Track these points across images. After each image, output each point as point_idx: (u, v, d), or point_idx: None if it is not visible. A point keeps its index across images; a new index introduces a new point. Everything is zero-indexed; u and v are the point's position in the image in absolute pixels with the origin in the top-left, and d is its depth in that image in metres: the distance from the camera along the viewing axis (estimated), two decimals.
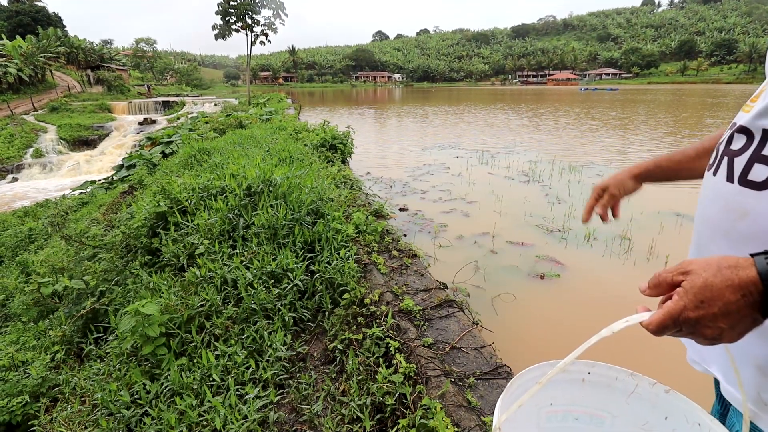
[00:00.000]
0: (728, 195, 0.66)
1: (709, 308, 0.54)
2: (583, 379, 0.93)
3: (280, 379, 1.96)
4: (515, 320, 3.18)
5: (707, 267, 0.55)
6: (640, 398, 0.87)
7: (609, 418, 0.92)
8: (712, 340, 0.57)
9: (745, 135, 0.66)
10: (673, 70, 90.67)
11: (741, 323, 0.54)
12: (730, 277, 0.53)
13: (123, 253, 3.15)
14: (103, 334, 2.64)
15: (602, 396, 0.92)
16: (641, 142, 11.73)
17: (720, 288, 0.53)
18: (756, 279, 0.51)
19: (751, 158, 0.63)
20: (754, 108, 0.68)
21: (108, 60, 42.34)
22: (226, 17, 25.85)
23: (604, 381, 0.91)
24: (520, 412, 0.90)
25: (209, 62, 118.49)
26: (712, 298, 0.53)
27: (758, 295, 0.51)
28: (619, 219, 1.15)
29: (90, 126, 20.69)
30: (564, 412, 0.96)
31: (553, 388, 0.93)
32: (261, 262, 2.56)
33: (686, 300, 0.55)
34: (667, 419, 0.82)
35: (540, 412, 0.96)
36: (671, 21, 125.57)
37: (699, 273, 0.55)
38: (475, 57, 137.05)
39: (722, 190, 0.68)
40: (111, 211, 5.31)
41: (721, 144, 0.72)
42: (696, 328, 0.56)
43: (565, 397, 0.94)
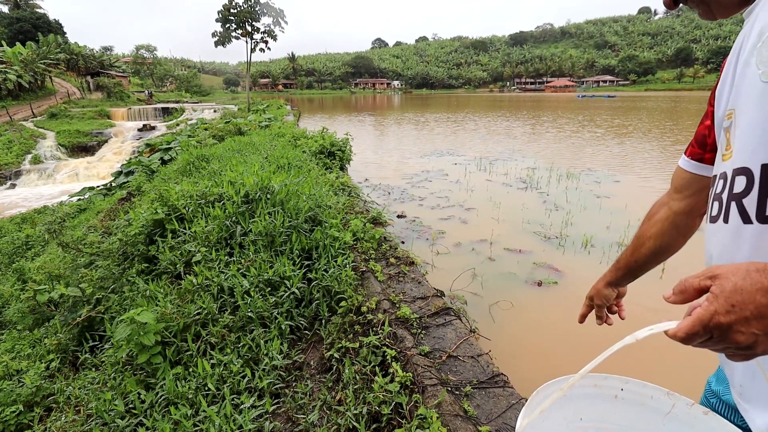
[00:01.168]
0: (752, 236, 0.65)
1: (741, 312, 0.52)
2: (616, 396, 0.89)
3: (276, 388, 1.95)
4: (513, 328, 3.17)
5: (736, 271, 0.54)
6: (677, 420, 0.82)
7: None
8: (746, 349, 0.54)
9: (745, 176, 0.66)
10: (670, 78, 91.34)
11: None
12: (760, 280, 0.51)
13: (120, 261, 3.14)
14: (98, 342, 2.63)
15: (635, 415, 0.87)
16: (640, 149, 11.78)
17: (750, 291, 0.52)
18: None
19: (760, 195, 0.63)
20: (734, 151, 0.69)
21: (108, 66, 42.50)
22: (225, 24, 26.03)
23: (638, 399, 0.87)
24: (547, 426, 0.89)
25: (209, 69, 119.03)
26: (744, 301, 0.52)
27: None
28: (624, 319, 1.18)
29: (89, 132, 20.69)
30: (594, 428, 0.92)
31: (582, 402, 0.90)
32: (258, 270, 2.56)
33: (717, 305, 0.54)
34: None
35: (569, 426, 0.93)
36: (667, 29, 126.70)
37: (728, 277, 0.54)
38: (473, 64, 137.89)
39: (743, 234, 0.66)
40: (109, 218, 5.31)
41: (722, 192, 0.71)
42: (728, 334, 0.54)
43: (595, 413, 0.90)
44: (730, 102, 0.73)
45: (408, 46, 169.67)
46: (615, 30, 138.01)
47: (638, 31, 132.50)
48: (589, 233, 4.84)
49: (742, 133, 0.66)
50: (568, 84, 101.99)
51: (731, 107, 0.72)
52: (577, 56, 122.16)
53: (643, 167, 9.10)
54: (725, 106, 0.74)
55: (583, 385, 0.89)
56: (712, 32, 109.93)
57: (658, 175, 8.25)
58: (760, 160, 0.63)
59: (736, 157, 0.69)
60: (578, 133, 15.59)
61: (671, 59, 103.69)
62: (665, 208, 1.03)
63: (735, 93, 0.72)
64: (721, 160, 0.75)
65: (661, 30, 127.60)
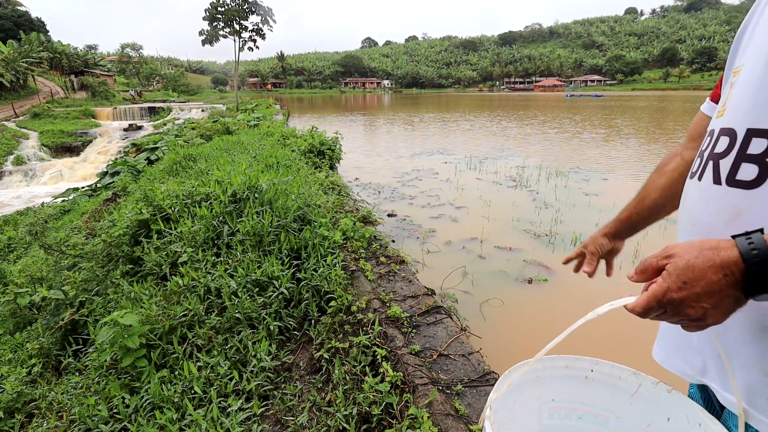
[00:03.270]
0: (717, 197, 0.67)
1: (692, 288, 0.55)
2: (586, 377, 0.93)
3: (265, 390, 1.92)
4: (503, 325, 3.18)
5: (690, 249, 0.57)
6: (643, 398, 0.86)
7: (613, 419, 0.92)
8: (697, 321, 0.58)
9: (728, 137, 0.66)
10: (656, 77, 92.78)
11: (724, 302, 0.55)
12: (711, 258, 0.54)
13: (104, 262, 3.07)
14: (82, 346, 2.56)
15: (606, 395, 0.91)
16: (627, 147, 11.93)
17: (702, 268, 0.54)
18: (737, 259, 0.52)
19: (737, 158, 0.64)
20: (726, 110, 0.69)
21: (92, 65, 41.74)
22: (213, 23, 25.76)
23: (608, 380, 0.91)
24: (520, 406, 0.93)
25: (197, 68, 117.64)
26: (695, 278, 0.55)
27: (739, 275, 0.52)
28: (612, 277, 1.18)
29: (73, 132, 20.30)
30: (567, 409, 0.95)
31: (555, 384, 0.93)
32: (246, 270, 2.52)
33: (670, 282, 0.57)
34: (669, 420, 0.82)
35: (542, 407, 0.96)
36: (653, 29, 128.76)
37: (682, 255, 0.57)
38: (463, 64, 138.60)
39: (711, 194, 0.68)
40: (93, 219, 5.20)
41: (705, 150, 0.72)
42: (680, 308, 0.57)
43: (568, 394, 0.94)
44: (741, 58, 0.70)
45: (398, 46, 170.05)
46: (602, 30, 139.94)
47: (625, 31, 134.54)
48: (578, 231, 4.87)
49: (738, 92, 0.66)
50: (557, 83, 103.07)
51: (740, 63, 0.70)
52: (565, 56, 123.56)
53: (631, 165, 9.22)
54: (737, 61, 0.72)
55: (555, 366, 0.93)
56: (697, 33, 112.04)
57: (646, 173, 8.35)
58: (747, 123, 0.63)
59: (726, 116, 0.69)
60: (567, 132, 15.73)
61: (657, 59, 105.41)
62: (677, 159, 1.00)
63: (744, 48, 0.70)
64: (716, 116, 0.74)
65: (647, 30, 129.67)
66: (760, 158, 0.60)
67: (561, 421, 0.96)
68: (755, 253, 0.51)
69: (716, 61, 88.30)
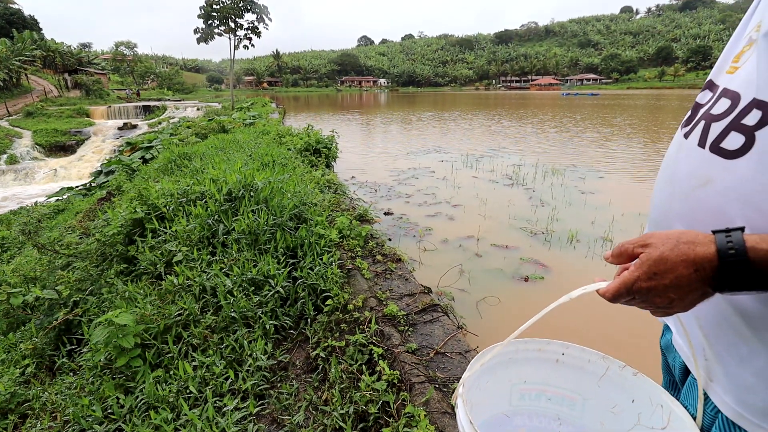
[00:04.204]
0: (696, 160, 0.66)
1: (660, 280, 0.56)
2: (557, 360, 0.96)
3: (261, 390, 1.91)
4: (500, 323, 3.18)
5: (666, 241, 0.57)
6: (611, 381, 0.90)
7: (580, 401, 0.95)
8: (663, 308, 0.60)
9: (731, 100, 0.64)
10: (652, 76, 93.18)
11: (690, 295, 0.56)
12: (685, 252, 0.55)
13: (98, 262, 3.05)
14: (76, 346, 2.54)
15: (575, 378, 0.94)
16: (624, 145, 11.97)
17: (674, 262, 0.55)
18: (712, 256, 0.53)
19: (729, 125, 0.62)
20: (740, 70, 0.65)
21: (86, 64, 41.41)
22: (208, 21, 25.59)
23: (577, 363, 0.94)
24: (493, 386, 0.97)
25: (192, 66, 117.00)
26: (666, 270, 0.56)
27: (711, 271, 0.53)
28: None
29: (67, 131, 20.13)
30: (538, 391, 0.99)
31: (527, 366, 0.97)
32: (241, 269, 2.51)
33: (641, 271, 0.58)
34: (633, 402, 0.85)
35: (513, 388, 1.00)
36: (649, 28, 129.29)
37: (657, 246, 0.58)
38: (459, 62, 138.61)
39: (692, 154, 0.67)
40: (87, 219, 5.16)
41: (704, 106, 0.70)
42: (647, 297, 0.59)
43: (539, 376, 0.97)
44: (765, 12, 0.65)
45: (394, 44, 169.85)
46: (598, 29, 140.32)
47: (620, 30, 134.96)
48: (574, 228, 4.88)
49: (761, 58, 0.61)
50: (553, 82, 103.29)
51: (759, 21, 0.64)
52: (561, 54, 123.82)
53: (627, 164, 9.25)
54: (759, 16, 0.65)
55: (528, 349, 0.97)
56: (692, 31, 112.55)
57: (642, 171, 8.38)
58: (757, 93, 0.60)
59: (737, 77, 0.65)
60: (563, 131, 15.77)
61: (652, 58, 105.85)
62: None
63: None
64: (723, 71, 0.70)
65: (642, 29, 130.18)
66: (749, 130, 0.58)
67: (530, 402, 1.00)
68: (732, 252, 0.51)
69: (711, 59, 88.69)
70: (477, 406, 0.95)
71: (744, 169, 0.58)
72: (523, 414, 1.01)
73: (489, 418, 1.00)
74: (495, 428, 1.01)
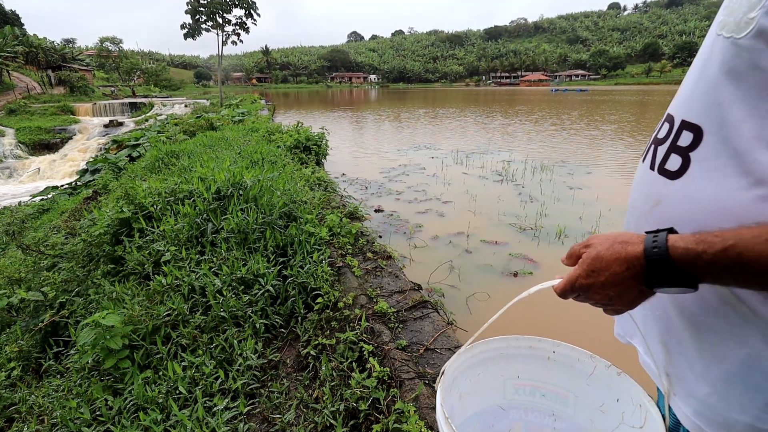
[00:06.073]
0: (648, 182, 0.70)
1: (597, 277, 0.60)
2: (548, 357, 0.99)
3: (251, 389, 1.91)
4: (496, 330, 3.20)
5: (604, 241, 0.61)
6: (598, 380, 0.92)
7: (572, 399, 0.98)
8: (605, 305, 0.63)
9: (669, 124, 0.68)
10: (639, 72, 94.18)
11: (627, 292, 0.59)
12: (619, 251, 0.58)
13: (84, 262, 3.01)
14: (63, 348, 2.51)
15: (566, 375, 0.97)
16: (611, 140, 12.11)
17: (609, 260, 0.59)
18: (641, 254, 0.55)
19: (669, 148, 0.65)
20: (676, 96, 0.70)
21: (70, 60, 40.55)
22: (195, 16, 25.23)
23: (568, 361, 0.97)
24: (484, 379, 1.01)
25: (179, 62, 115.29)
26: (601, 268, 0.59)
27: (640, 269, 0.56)
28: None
29: (51, 129, 19.74)
30: (532, 386, 1.02)
31: (520, 362, 1.00)
32: (231, 268, 2.49)
33: (581, 269, 0.63)
34: (618, 401, 0.88)
35: (507, 383, 1.03)
36: (636, 24, 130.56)
37: (595, 246, 0.62)
38: (449, 58, 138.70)
39: (645, 178, 0.71)
40: (73, 218, 5.08)
41: (655, 132, 0.74)
42: (588, 293, 0.63)
43: (532, 373, 1.00)
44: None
45: (384, 40, 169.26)
46: (586, 25, 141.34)
47: (608, 26, 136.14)
48: (562, 224, 4.94)
49: (684, 80, 0.67)
50: (542, 78, 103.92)
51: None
52: (550, 51, 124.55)
53: (614, 159, 9.36)
54: None
55: (519, 346, 1.00)
56: (678, 28, 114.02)
57: (628, 167, 8.49)
58: (683, 114, 0.64)
59: (674, 101, 0.70)
60: (552, 126, 15.89)
61: (640, 54, 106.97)
62: None
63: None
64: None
65: (629, 25, 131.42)
66: (684, 151, 0.62)
67: (525, 397, 1.02)
68: (656, 251, 0.54)
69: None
70: (468, 396, 0.99)
71: (684, 189, 0.61)
72: (518, 408, 1.04)
73: (485, 409, 1.03)
74: (491, 419, 1.04)
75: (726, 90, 0.55)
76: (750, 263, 0.47)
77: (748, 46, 0.52)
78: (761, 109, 0.51)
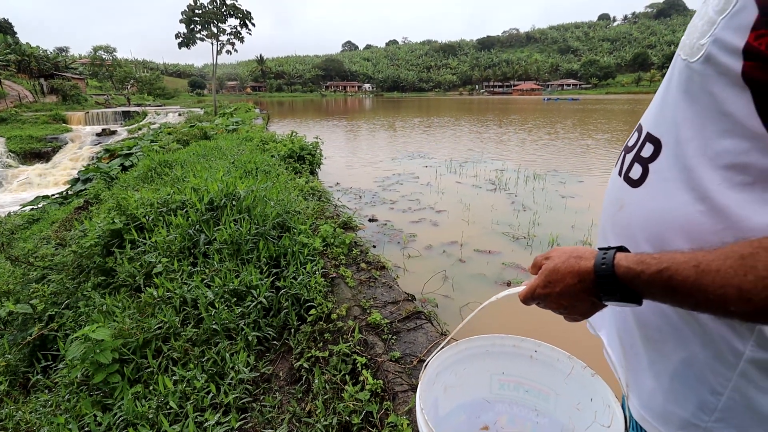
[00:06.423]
0: (616, 188, 0.74)
1: (553, 288, 0.64)
2: (531, 356, 1.05)
3: (243, 403, 1.89)
4: (483, 329, 3.20)
5: (561, 254, 0.65)
6: (575, 380, 0.98)
7: (553, 396, 1.04)
8: (563, 313, 0.68)
9: (638, 133, 0.72)
10: (629, 81, 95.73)
11: (580, 303, 0.64)
12: (573, 265, 0.62)
13: (74, 274, 2.98)
14: (52, 362, 2.47)
15: (547, 374, 1.03)
16: (602, 149, 12.25)
17: (563, 273, 0.63)
18: (591, 269, 0.59)
19: (634, 157, 0.69)
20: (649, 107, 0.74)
21: (63, 68, 40.45)
22: (190, 25, 25.33)
23: (548, 360, 1.02)
24: (470, 374, 1.07)
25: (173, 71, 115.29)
26: (557, 280, 0.64)
27: (590, 283, 0.60)
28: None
29: (43, 138, 19.58)
30: (516, 382, 1.08)
31: (505, 359, 1.07)
32: (223, 280, 2.48)
33: (539, 279, 0.67)
34: (592, 400, 0.93)
35: (492, 378, 1.09)
36: (625, 35, 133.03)
37: (554, 259, 0.66)
38: (443, 67, 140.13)
39: (614, 183, 0.76)
40: (64, 229, 5.03)
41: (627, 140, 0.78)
42: (546, 302, 0.67)
43: (516, 369, 1.06)
44: None
45: (378, 50, 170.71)
46: (577, 35, 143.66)
47: (598, 36, 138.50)
48: (555, 233, 4.97)
49: (656, 93, 0.71)
50: (534, 87, 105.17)
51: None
52: (542, 60, 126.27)
53: (605, 167, 9.46)
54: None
55: (504, 344, 1.07)
56: (666, 38, 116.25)
57: None
58: (648, 126, 0.68)
59: (645, 112, 0.74)
60: (544, 135, 16.05)
61: (629, 64, 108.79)
62: None
63: None
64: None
65: (619, 36, 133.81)
66: (645, 161, 0.66)
67: (510, 392, 1.09)
68: (603, 267, 0.58)
69: None
70: (453, 388, 1.05)
71: (642, 197, 0.65)
72: (504, 402, 1.09)
73: (471, 401, 1.09)
74: (477, 411, 1.10)
75: (681, 108, 0.59)
76: (677, 286, 0.50)
77: (699, 71, 0.55)
78: (708, 130, 0.54)
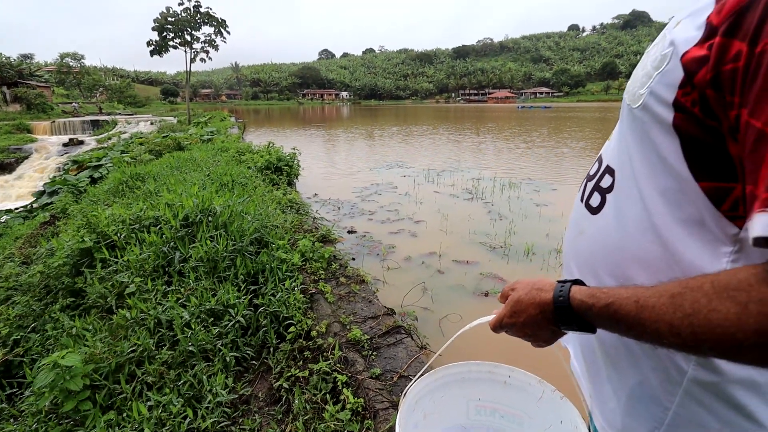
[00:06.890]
0: (577, 214, 0.79)
1: (518, 318, 0.69)
2: (505, 382, 1.09)
3: (221, 427, 1.85)
4: (461, 341, 3.22)
5: (525, 286, 0.70)
6: (546, 403, 1.02)
7: (527, 419, 1.07)
8: (528, 339, 0.72)
9: (599, 164, 0.76)
10: (599, 89, 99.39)
11: (542, 331, 0.68)
12: (534, 297, 0.67)
13: (41, 295, 2.86)
14: (17, 389, 2.36)
15: (520, 398, 1.07)
16: (574, 156, 12.63)
17: (526, 304, 0.68)
18: (550, 301, 0.64)
19: (594, 186, 0.74)
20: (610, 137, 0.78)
21: (28, 76, 38.93)
22: (162, 33, 24.86)
23: (521, 385, 1.07)
24: (448, 400, 1.10)
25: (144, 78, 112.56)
26: (521, 310, 0.69)
27: (550, 313, 0.64)
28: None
29: (6, 148, 18.74)
30: (491, 408, 1.11)
31: (481, 385, 1.11)
32: (199, 299, 2.44)
33: (506, 310, 0.72)
34: (562, 423, 0.97)
35: (469, 404, 1.12)
36: (594, 45, 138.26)
37: (518, 290, 0.71)
38: (419, 76, 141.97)
39: (576, 209, 0.80)
40: (29, 245, 4.82)
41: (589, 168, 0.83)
42: (512, 330, 0.72)
43: (492, 395, 1.10)
44: None
45: (355, 58, 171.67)
46: (548, 45, 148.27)
47: (569, 46, 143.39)
48: (530, 241, 5.09)
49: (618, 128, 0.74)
50: (509, 95, 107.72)
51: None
52: (515, 69, 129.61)
53: (577, 175, 9.76)
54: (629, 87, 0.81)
55: (480, 371, 1.11)
56: (633, 48, 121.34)
57: None
58: (608, 158, 0.73)
59: (606, 143, 0.78)
60: (518, 144, 16.44)
61: (599, 72, 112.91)
62: None
63: None
64: None
65: (588, 46, 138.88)
66: (603, 191, 0.70)
67: (487, 418, 1.12)
68: (561, 299, 0.62)
69: None
70: (432, 415, 1.08)
71: (599, 225, 0.70)
72: (480, 428, 1.12)
73: (450, 428, 1.11)
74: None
75: (632, 145, 0.64)
76: (621, 319, 0.53)
77: (639, 117, 0.60)
78: (655, 169, 0.59)
